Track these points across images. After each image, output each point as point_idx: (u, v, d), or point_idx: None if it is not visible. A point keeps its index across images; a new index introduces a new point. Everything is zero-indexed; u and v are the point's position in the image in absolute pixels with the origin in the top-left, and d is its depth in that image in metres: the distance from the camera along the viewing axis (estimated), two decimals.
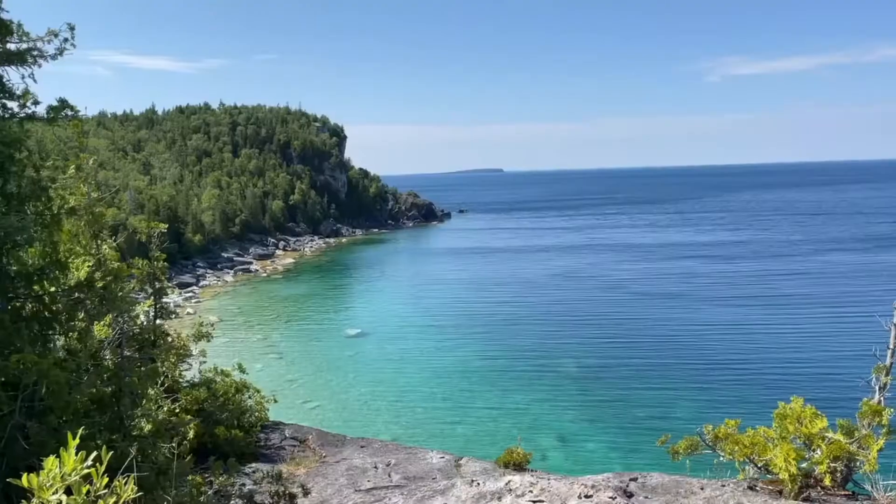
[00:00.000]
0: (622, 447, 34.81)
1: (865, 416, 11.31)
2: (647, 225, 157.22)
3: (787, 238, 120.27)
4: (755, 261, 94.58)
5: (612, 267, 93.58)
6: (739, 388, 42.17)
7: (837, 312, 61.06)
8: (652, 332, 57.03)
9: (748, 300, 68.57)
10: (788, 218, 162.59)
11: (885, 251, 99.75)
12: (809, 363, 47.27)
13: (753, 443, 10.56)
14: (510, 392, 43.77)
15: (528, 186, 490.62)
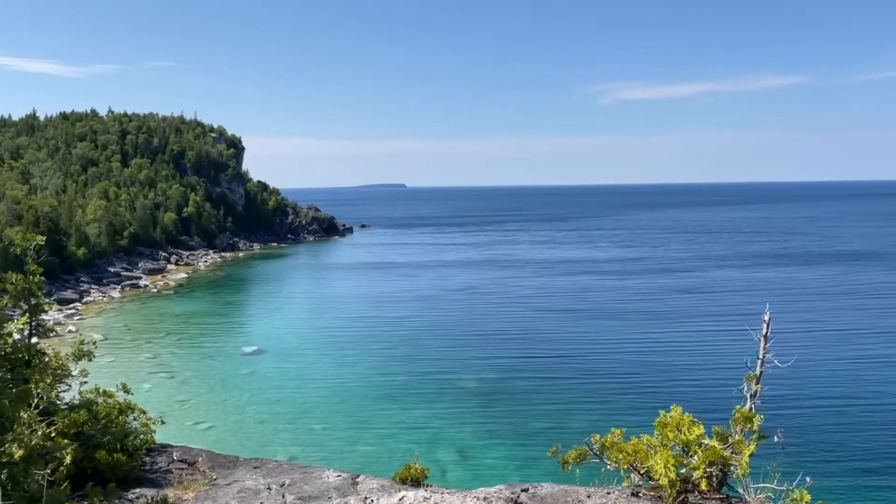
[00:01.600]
0: (520, 459, 35.47)
1: (738, 422, 12.07)
2: (546, 241, 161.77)
3: (675, 255, 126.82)
4: (645, 277, 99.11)
5: (511, 283, 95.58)
6: (628, 398, 43.96)
7: (717, 326, 64.86)
8: (549, 346, 58.59)
9: (638, 314, 71.73)
10: (677, 236, 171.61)
11: (762, 268, 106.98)
12: (690, 373, 49.98)
13: (636, 450, 11.04)
14: (410, 408, 43.74)
15: (431, 202, 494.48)
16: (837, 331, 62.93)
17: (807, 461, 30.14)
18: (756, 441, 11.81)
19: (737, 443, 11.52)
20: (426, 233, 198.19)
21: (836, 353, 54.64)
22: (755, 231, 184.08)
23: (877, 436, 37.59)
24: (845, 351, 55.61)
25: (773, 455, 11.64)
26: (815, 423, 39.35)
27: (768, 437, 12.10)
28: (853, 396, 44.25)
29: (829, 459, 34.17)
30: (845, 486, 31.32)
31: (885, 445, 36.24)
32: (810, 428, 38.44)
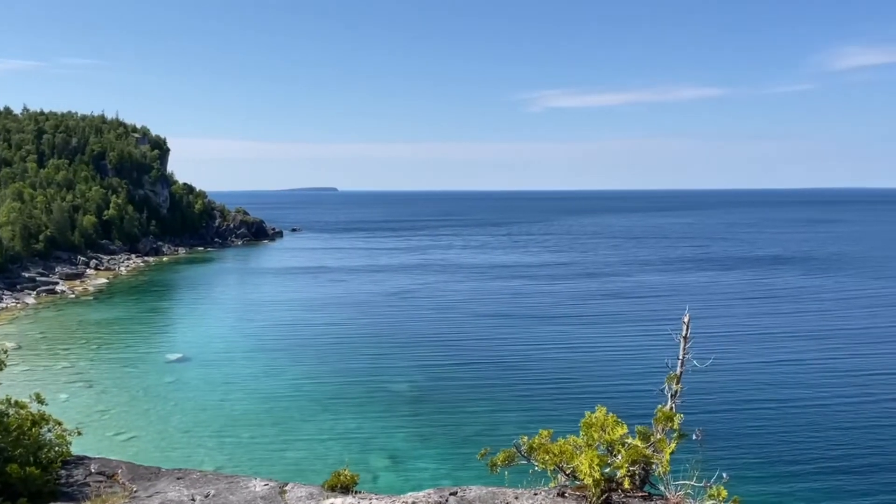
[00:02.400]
0: (451, 463, 35.60)
1: (660, 421, 12.47)
2: (479, 246, 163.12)
3: (603, 260, 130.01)
4: (574, 281, 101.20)
5: (443, 287, 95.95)
6: (556, 400, 44.79)
7: (641, 328, 66.82)
8: (480, 350, 59.09)
9: (567, 318, 73.19)
10: (605, 241, 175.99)
11: (684, 272, 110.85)
12: (616, 374, 51.37)
13: (562, 451, 11.27)
14: (341, 414, 43.31)
15: (363, 206, 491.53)
16: (754, 333, 65.78)
17: (724, 458, 31.37)
18: (676, 439, 12.23)
19: (658, 441, 11.91)
20: (358, 237, 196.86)
21: (752, 354, 57.10)
22: (678, 236, 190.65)
23: (790, 433, 39.46)
24: (761, 352, 58.17)
25: (692, 453, 12.08)
26: (732, 422, 41.02)
27: (688, 436, 12.57)
28: (768, 395, 46.33)
29: (745, 456, 35.66)
30: (760, 481, 32.74)
31: (798, 442, 38.07)
32: (727, 426, 40.04)
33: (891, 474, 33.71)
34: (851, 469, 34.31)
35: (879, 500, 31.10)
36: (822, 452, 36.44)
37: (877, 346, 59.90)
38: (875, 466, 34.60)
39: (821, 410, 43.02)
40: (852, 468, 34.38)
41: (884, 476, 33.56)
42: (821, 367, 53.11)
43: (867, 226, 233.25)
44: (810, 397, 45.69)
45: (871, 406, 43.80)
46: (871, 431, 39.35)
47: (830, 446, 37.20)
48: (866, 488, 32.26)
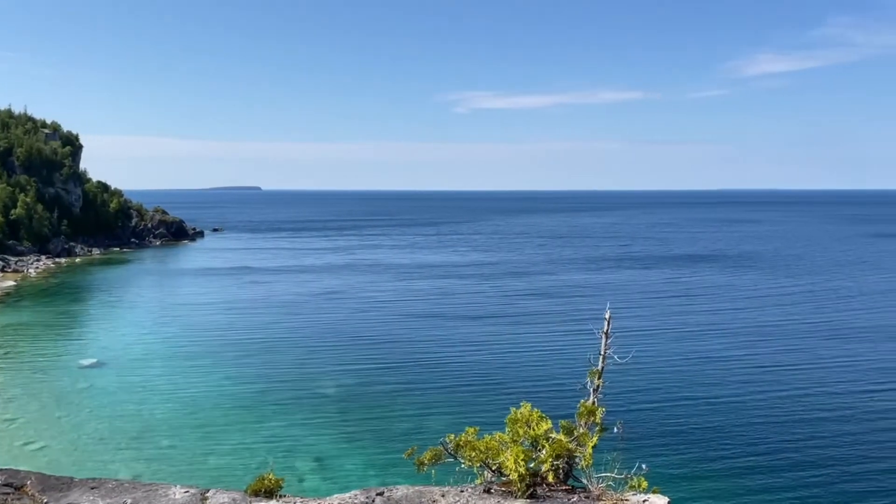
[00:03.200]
0: (379, 463, 35.43)
1: (582, 416, 12.76)
2: (407, 246, 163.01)
3: (529, 259, 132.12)
4: (502, 280, 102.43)
5: (371, 287, 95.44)
6: (484, 398, 45.24)
7: (566, 325, 68.29)
8: (408, 350, 59.06)
9: (494, 317, 74.04)
10: (531, 241, 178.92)
11: (607, 271, 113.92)
12: (541, 371, 52.36)
13: (488, 448, 11.39)
14: (267, 418, 42.45)
15: (288, 206, 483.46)
16: (672, 329, 68.23)
17: (644, 450, 32.35)
18: (598, 433, 12.54)
19: (581, 436, 12.19)
20: (283, 237, 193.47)
21: (670, 350, 59.20)
22: (602, 236, 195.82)
23: (707, 425, 41.09)
24: (679, 347, 60.38)
25: (614, 445, 12.42)
26: (652, 414, 42.42)
27: (609, 429, 12.93)
28: (686, 389, 48.12)
29: (664, 448, 36.92)
30: (679, 472, 33.97)
31: (715, 434, 39.70)
32: (647, 419, 41.38)
33: (803, 465, 35.56)
34: (767, 460, 36.01)
35: (793, 491, 32.75)
36: (738, 444, 38.11)
37: (788, 340, 63.10)
38: (789, 458, 36.42)
39: (737, 403, 44.98)
40: (767, 460, 36.08)
41: (796, 466, 35.37)
42: (736, 362, 55.53)
43: (777, 225, 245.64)
44: (726, 391, 47.70)
45: (784, 399, 46.08)
46: (784, 424, 41.40)
47: (746, 438, 38.94)
48: (781, 478, 33.92)
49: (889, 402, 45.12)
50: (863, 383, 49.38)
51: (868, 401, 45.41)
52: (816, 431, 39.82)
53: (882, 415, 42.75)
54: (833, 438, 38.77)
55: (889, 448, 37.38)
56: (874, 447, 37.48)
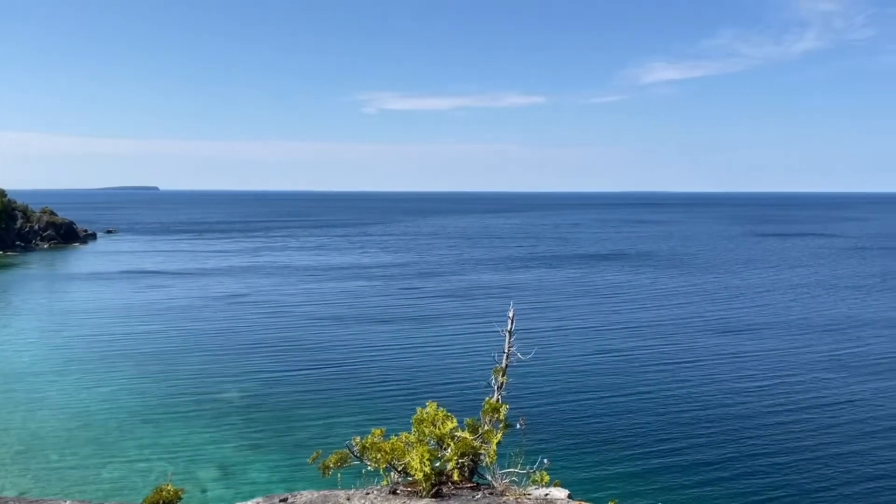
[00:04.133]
0: (284, 469, 34.74)
1: (487, 413, 12.97)
2: (315, 248, 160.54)
3: (438, 260, 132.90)
4: (411, 281, 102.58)
5: (277, 290, 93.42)
6: (392, 399, 45.22)
7: (474, 325, 69.18)
8: (315, 354, 58.21)
9: (403, 318, 74.06)
10: (441, 241, 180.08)
11: (514, 270, 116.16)
12: (449, 370, 52.87)
13: (394, 448, 11.39)
14: (166, 427, 40.79)
15: (189, 207, 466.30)
16: (575, 326, 70.39)
17: (546, 445, 33.25)
18: (503, 430, 12.79)
19: (486, 433, 12.38)
20: (183, 239, 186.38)
21: (573, 346, 61.06)
22: (508, 236, 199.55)
23: (609, 419, 42.62)
24: (582, 343, 62.35)
25: (517, 441, 12.68)
26: (554, 409, 43.62)
27: (513, 425, 13.20)
28: (588, 384, 49.74)
29: (565, 442, 38.06)
30: (581, 465, 35.09)
31: (615, 427, 41.22)
32: (549, 414, 42.53)
33: (700, 454, 37.44)
34: (664, 450, 37.69)
35: (690, 478, 34.42)
36: (636, 435, 39.71)
37: (684, 336, 66.32)
38: (686, 448, 38.26)
39: (635, 397, 46.87)
40: (665, 450, 37.78)
41: (693, 456, 37.20)
42: (635, 357, 57.87)
43: (672, 226, 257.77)
44: (626, 385, 49.62)
45: (679, 391, 48.38)
46: (680, 416, 43.46)
47: (645, 430, 40.63)
48: (678, 468, 35.59)
49: (775, 394, 48.22)
50: (753, 376, 52.55)
51: (757, 392, 48.37)
52: (711, 422, 42.05)
53: (770, 406, 45.62)
54: (727, 428, 41.06)
55: (776, 435, 39.95)
56: (764, 436, 39.95)
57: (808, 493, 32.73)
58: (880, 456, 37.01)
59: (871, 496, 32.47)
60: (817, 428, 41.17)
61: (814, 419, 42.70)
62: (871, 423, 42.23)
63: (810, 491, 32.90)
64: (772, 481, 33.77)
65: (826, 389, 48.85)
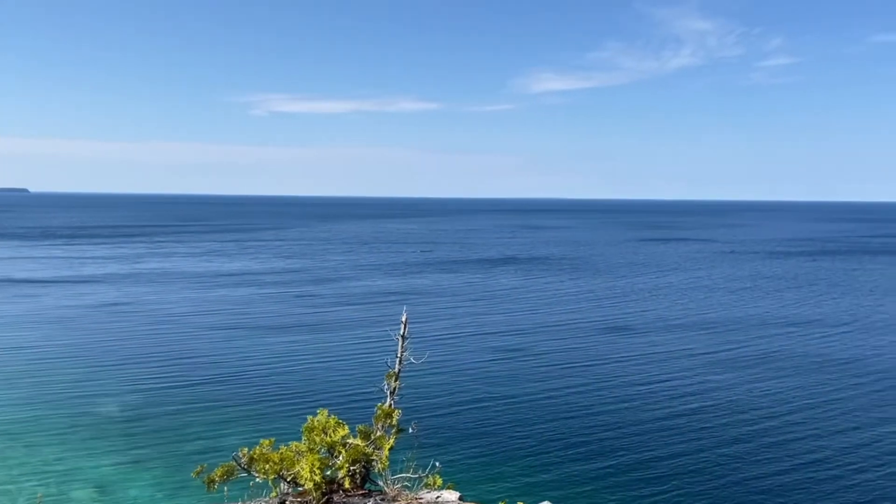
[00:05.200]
0: (169, 486, 33.11)
1: (379, 419, 12.86)
2: (203, 254, 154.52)
3: (333, 265, 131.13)
4: (305, 287, 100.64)
5: (161, 299, 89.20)
6: (282, 409, 44.11)
7: (368, 330, 68.74)
8: (202, 364, 55.94)
9: (295, 326, 72.52)
10: (336, 247, 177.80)
11: (410, 276, 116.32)
12: (342, 377, 52.23)
13: (283, 458, 11.07)
14: (38, 446, 37.93)
15: (63, 210, 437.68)
16: (469, 330, 71.27)
17: (439, 448, 33.49)
18: (395, 435, 12.71)
19: (378, 439, 12.26)
20: (57, 245, 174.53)
21: (467, 350, 61.83)
22: (405, 242, 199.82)
23: (499, 420, 43.35)
24: (476, 347, 63.22)
25: (410, 446, 12.65)
26: (447, 413, 43.98)
27: (405, 430, 13.15)
28: (480, 386, 50.45)
29: (459, 444, 38.42)
30: (474, 467, 35.49)
31: (506, 428, 41.98)
32: (442, 417, 42.82)
33: (591, 453, 38.70)
34: (557, 452, 38.72)
35: (579, 476, 35.50)
36: (530, 437, 40.62)
37: (575, 338, 68.55)
38: (577, 448, 39.47)
39: (527, 399, 47.95)
40: (558, 452, 38.81)
41: (586, 456, 38.43)
42: (527, 360, 59.27)
43: (565, 232, 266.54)
44: (518, 387, 50.69)
45: (571, 392, 49.91)
46: (572, 415, 44.83)
47: (538, 431, 41.62)
48: (569, 468, 36.64)
49: (660, 392, 50.68)
50: (639, 375, 54.99)
51: (642, 392, 50.66)
52: (601, 421, 43.64)
53: (656, 404, 47.88)
54: (615, 426, 42.72)
55: (663, 431, 41.95)
56: (652, 432, 41.85)
57: (693, 485, 34.54)
58: (764, 455, 39.61)
59: (759, 487, 34.68)
60: (701, 425, 43.58)
61: (698, 415, 45.18)
62: (752, 419, 45.15)
63: (695, 483, 34.73)
64: (657, 474, 35.42)
65: (708, 387, 51.84)
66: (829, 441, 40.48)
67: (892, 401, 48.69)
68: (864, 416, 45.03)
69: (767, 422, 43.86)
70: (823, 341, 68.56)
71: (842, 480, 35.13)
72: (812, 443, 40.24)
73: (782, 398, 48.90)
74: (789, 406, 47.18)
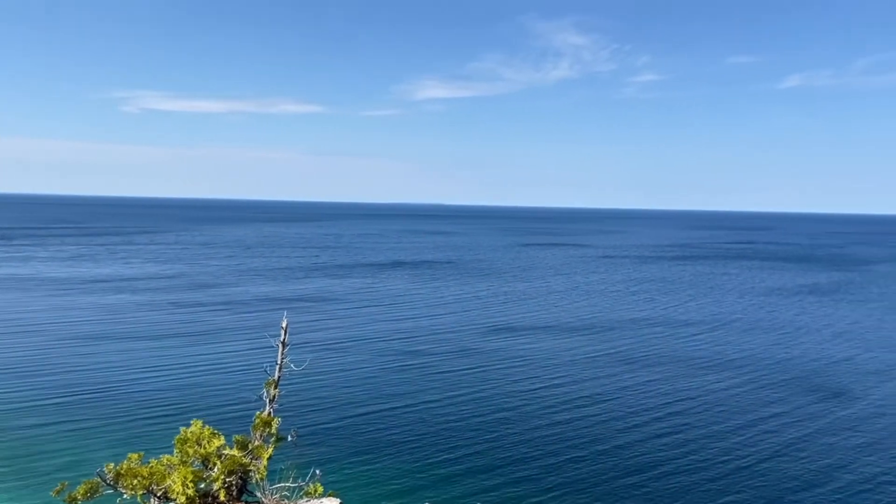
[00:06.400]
0: None
1: (258, 428, 12.55)
2: (69, 258, 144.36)
3: (213, 271, 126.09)
4: (179, 293, 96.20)
5: (18, 307, 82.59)
6: (155, 421, 41.99)
7: (247, 337, 66.73)
8: (65, 377, 52.21)
9: (169, 333, 69.20)
10: (216, 251, 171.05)
11: (296, 281, 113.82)
12: (219, 386, 50.36)
13: (153, 472, 10.58)
14: None
15: None
16: (351, 335, 70.67)
17: (320, 456, 33.02)
18: (274, 444, 12.44)
19: (256, 448, 11.96)
20: None
21: (348, 355, 61.30)
22: (289, 246, 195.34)
23: (380, 426, 43.27)
24: (356, 352, 62.76)
25: (289, 454, 12.43)
26: (328, 419, 43.45)
27: (285, 439, 12.90)
28: (361, 392, 50.17)
29: (340, 451, 38.00)
30: (354, 473, 35.20)
31: (387, 434, 41.97)
32: (323, 424, 42.29)
33: (476, 455, 39.30)
34: (438, 453, 39.06)
35: (458, 477, 35.96)
36: (411, 442, 40.77)
37: (460, 341, 69.43)
38: (457, 448, 39.97)
39: (412, 404, 48.11)
40: (439, 453, 39.15)
41: (461, 454, 38.96)
42: (411, 363, 59.49)
43: (449, 237, 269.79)
44: (404, 393, 50.78)
45: (454, 394, 50.52)
46: (452, 418, 45.38)
47: (420, 436, 41.84)
48: (449, 470, 37.03)
49: (545, 392, 52.29)
50: (525, 376, 56.50)
51: (529, 392, 52.09)
52: (483, 423, 44.45)
53: (541, 404, 49.34)
54: (498, 428, 43.64)
55: (545, 431, 43.29)
56: (534, 431, 43.07)
57: (574, 483, 35.88)
58: (642, 450, 41.71)
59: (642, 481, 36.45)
60: (583, 422, 45.34)
61: (580, 412, 46.98)
62: (627, 415, 47.46)
63: (576, 481, 36.08)
64: (536, 473, 36.53)
65: (588, 385, 54.04)
66: (700, 434, 43.31)
67: (756, 393, 52.76)
68: (731, 408, 48.54)
69: (639, 417, 46.32)
70: (690, 340, 73.30)
71: (716, 471, 37.67)
72: (684, 437, 42.90)
73: (658, 394, 51.81)
74: (663, 401, 50.07)
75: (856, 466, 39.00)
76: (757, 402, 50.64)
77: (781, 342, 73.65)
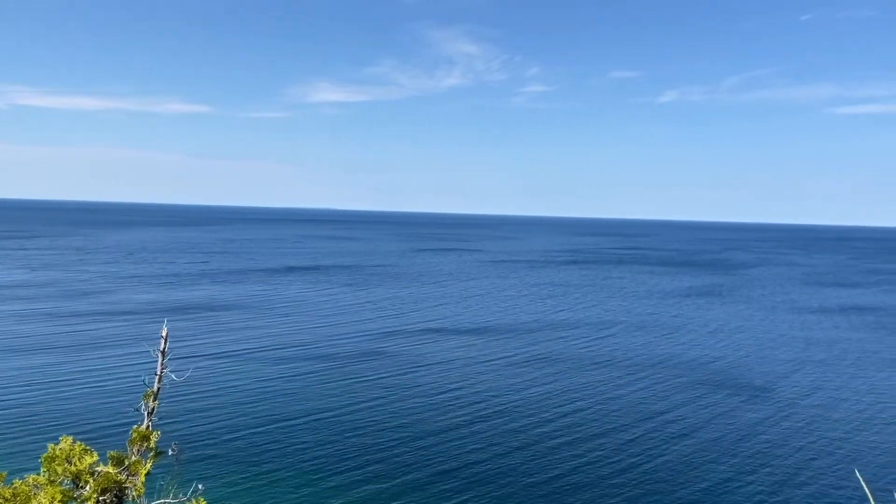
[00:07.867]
0: None
1: (135, 442, 11.95)
2: None
3: (88, 278, 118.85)
4: (48, 303, 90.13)
5: None
6: (19, 438, 39.04)
7: (125, 347, 63.49)
8: None
9: (39, 347, 64.73)
10: (94, 257, 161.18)
11: (181, 288, 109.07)
12: (93, 400, 47.54)
13: (17, 494, 9.89)
14: None
15: None
16: (241, 344, 68.58)
17: (203, 470, 31.76)
18: (153, 458, 11.89)
19: (133, 464, 11.39)
20: None
21: (233, 364, 59.46)
22: (175, 251, 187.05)
23: (267, 437, 42.23)
24: (245, 361, 60.97)
25: (170, 469, 11.92)
26: (212, 431, 41.93)
27: (165, 453, 12.35)
28: (246, 402, 48.70)
29: (225, 463, 36.74)
30: (240, 486, 34.10)
31: (275, 445, 41.01)
32: (207, 436, 40.76)
33: (364, 459, 38.97)
34: (329, 467, 38.51)
35: (348, 488, 35.61)
36: (301, 450, 40.01)
37: (357, 350, 68.76)
38: (349, 459, 39.53)
39: (300, 415, 47.16)
40: (329, 466, 38.61)
41: (355, 461, 38.60)
42: (304, 374, 58.35)
43: (343, 242, 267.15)
44: (293, 403, 49.71)
45: (348, 406, 49.94)
46: (348, 430, 44.86)
47: (309, 448, 41.09)
48: (340, 483, 36.60)
49: (441, 398, 52.62)
50: (421, 382, 56.62)
51: (424, 399, 52.25)
52: (376, 433, 44.20)
53: (436, 409, 49.60)
54: (394, 437, 43.53)
55: (442, 437, 43.55)
56: (442, 437, 43.23)
57: (478, 486, 36.30)
58: (549, 452, 42.67)
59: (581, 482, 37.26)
60: (482, 427, 45.97)
61: (478, 416, 47.61)
62: (526, 417, 48.50)
63: (480, 484, 36.51)
64: (439, 480, 36.73)
65: (486, 389, 54.89)
66: (605, 435, 44.96)
67: (658, 390, 55.35)
68: (622, 407, 50.70)
69: (529, 418, 47.57)
70: (584, 342, 76.10)
71: (623, 467, 39.19)
72: (578, 435, 44.39)
73: (557, 396, 53.37)
74: (553, 401, 51.62)
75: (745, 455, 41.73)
76: (647, 399, 53.23)
77: (667, 340, 77.84)
